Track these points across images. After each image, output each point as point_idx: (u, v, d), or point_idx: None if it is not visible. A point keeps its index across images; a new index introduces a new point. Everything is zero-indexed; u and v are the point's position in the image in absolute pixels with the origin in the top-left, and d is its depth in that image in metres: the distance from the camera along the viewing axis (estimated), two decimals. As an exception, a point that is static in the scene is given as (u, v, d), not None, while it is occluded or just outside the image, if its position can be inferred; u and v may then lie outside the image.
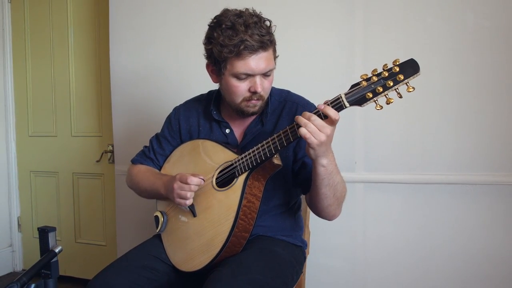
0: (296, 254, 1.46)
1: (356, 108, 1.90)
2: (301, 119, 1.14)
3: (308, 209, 1.74)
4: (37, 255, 1.17)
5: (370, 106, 1.92)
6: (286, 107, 1.46)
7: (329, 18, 1.98)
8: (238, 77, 1.32)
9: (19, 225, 3.09)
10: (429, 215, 1.87)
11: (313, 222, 1.83)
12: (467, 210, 1.82)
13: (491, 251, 1.80)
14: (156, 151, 1.60)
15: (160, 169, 1.59)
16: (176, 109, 1.62)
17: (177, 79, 2.28)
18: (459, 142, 1.82)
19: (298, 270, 1.46)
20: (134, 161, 1.63)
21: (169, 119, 1.61)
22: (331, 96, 1.18)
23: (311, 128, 1.12)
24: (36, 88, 2.97)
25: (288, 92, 1.53)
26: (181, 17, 2.25)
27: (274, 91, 1.50)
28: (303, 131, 1.13)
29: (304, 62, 2.01)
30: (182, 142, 1.57)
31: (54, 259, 1.16)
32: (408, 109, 1.87)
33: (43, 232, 1.18)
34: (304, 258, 1.56)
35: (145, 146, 1.65)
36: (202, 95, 1.63)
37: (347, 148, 1.95)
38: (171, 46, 2.29)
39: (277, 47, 2.03)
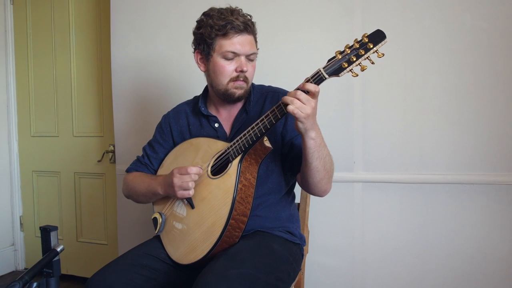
0: (293, 251, 1.48)
1: (354, 107, 1.94)
2: (286, 98, 1.23)
3: (307, 208, 1.76)
4: (39, 254, 1.18)
5: (369, 106, 1.95)
6: (268, 96, 1.55)
7: (328, 19, 1.99)
8: (225, 56, 1.43)
9: (21, 224, 3.11)
10: (427, 214, 1.88)
11: (312, 221, 1.85)
12: (465, 210, 1.84)
13: (489, 250, 1.81)
14: (150, 155, 1.64)
15: (155, 173, 1.62)
16: (165, 116, 1.68)
17: (178, 79, 2.30)
18: (457, 142, 1.83)
19: (295, 267, 1.47)
20: (129, 170, 1.67)
21: (160, 125, 1.67)
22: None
23: (297, 104, 1.21)
24: (38, 88, 2.99)
25: (268, 85, 1.62)
26: (181, 17, 2.26)
27: (255, 85, 1.59)
28: (290, 107, 1.21)
29: (303, 63, 2.01)
30: (174, 144, 1.61)
31: (56, 258, 1.17)
32: (406, 109, 1.89)
33: (45, 231, 1.18)
34: (302, 255, 1.57)
35: (138, 156, 1.69)
36: (188, 100, 1.70)
37: (345, 148, 1.96)
38: (172, 46, 2.30)
39: (277, 48, 2.06)
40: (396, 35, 1.88)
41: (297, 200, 1.70)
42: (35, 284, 1.06)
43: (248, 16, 1.46)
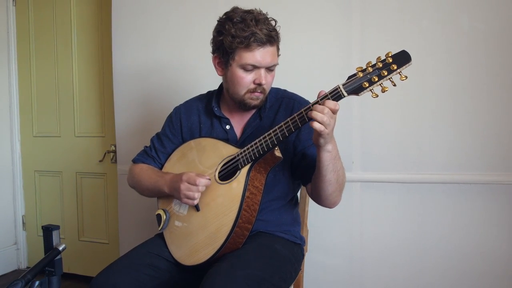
0: (294, 251, 1.49)
1: (353, 108, 1.95)
2: (315, 114, 1.17)
3: (307, 208, 1.77)
4: (41, 253, 1.18)
5: (367, 107, 1.97)
6: (283, 103, 1.52)
7: (327, 21, 2.00)
8: (245, 68, 1.38)
9: (23, 223, 3.13)
10: (424, 213, 1.90)
11: (311, 220, 1.86)
12: (462, 209, 1.85)
13: (485, 249, 1.83)
14: (158, 149, 1.62)
15: (161, 167, 1.61)
16: (177, 108, 1.65)
17: (179, 80, 2.31)
18: (454, 142, 1.84)
19: (296, 267, 1.49)
20: (136, 161, 1.65)
21: (170, 118, 1.64)
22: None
23: (324, 120, 1.16)
24: (40, 89, 3.00)
25: (284, 90, 1.59)
26: (182, 19, 2.28)
27: (271, 89, 1.54)
28: (317, 125, 1.17)
29: (303, 64, 2.04)
30: (183, 140, 1.59)
31: (58, 257, 1.17)
32: (404, 110, 1.90)
33: (47, 231, 1.19)
34: (303, 256, 1.58)
35: (146, 146, 1.68)
36: (201, 94, 1.67)
37: (344, 148, 1.94)
38: (173, 47, 2.31)
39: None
40: (394, 36, 1.89)
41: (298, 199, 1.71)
42: (37, 283, 1.06)
43: (273, 22, 1.40)
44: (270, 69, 1.42)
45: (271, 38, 1.36)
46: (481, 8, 1.79)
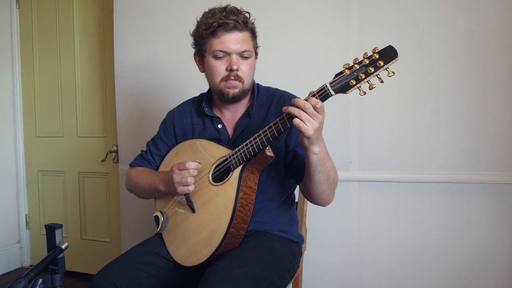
0: (293, 249, 1.50)
1: (351, 108, 1.98)
2: (293, 109, 1.17)
3: (305, 207, 1.78)
4: (44, 251, 1.20)
5: (365, 108, 1.98)
6: (274, 101, 1.51)
7: (325, 23, 2.02)
8: (215, 55, 1.41)
9: (27, 222, 3.15)
10: (421, 213, 1.91)
11: (310, 219, 1.87)
12: (458, 208, 1.87)
13: (481, 248, 1.85)
14: (153, 152, 1.64)
15: (157, 169, 1.63)
16: (170, 112, 1.67)
17: (180, 81, 2.33)
18: (451, 142, 1.86)
19: (295, 265, 1.50)
20: (133, 165, 1.68)
21: (164, 122, 1.67)
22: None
23: (304, 117, 1.15)
24: (43, 90, 3.03)
25: (275, 88, 1.58)
26: (182, 21, 2.27)
27: (262, 88, 1.56)
28: (296, 121, 1.15)
29: (302, 65, 2.05)
30: (177, 142, 1.61)
31: (61, 255, 1.18)
32: (401, 110, 1.92)
33: (50, 229, 1.20)
34: (301, 253, 1.59)
35: (143, 150, 1.70)
36: (194, 97, 1.69)
37: (342, 148, 1.99)
38: (174, 48, 2.33)
39: (275, 51, 2.07)
40: (391, 38, 1.90)
41: (296, 198, 1.71)
42: (40, 281, 1.07)
43: (245, 14, 1.42)
44: (243, 56, 1.42)
45: (238, 24, 1.38)
46: (477, 10, 1.80)
